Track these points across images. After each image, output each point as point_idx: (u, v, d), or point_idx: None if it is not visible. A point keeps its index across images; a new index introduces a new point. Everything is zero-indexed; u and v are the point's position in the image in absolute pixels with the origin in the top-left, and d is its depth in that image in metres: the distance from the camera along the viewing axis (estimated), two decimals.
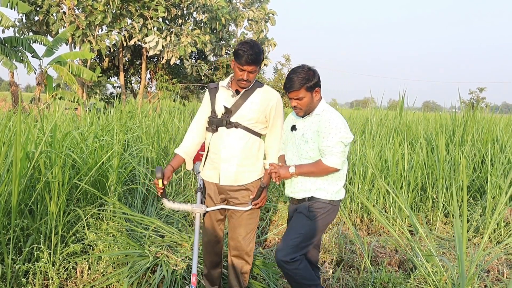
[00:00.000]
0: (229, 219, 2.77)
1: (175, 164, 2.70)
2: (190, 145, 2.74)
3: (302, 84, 2.45)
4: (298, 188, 2.58)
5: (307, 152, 2.52)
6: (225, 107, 2.60)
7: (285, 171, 2.53)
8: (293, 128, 2.63)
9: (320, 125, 2.46)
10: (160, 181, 2.49)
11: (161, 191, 2.54)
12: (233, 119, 2.60)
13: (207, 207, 2.67)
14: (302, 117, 2.59)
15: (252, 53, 2.46)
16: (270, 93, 2.67)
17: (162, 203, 2.59)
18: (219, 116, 2.63)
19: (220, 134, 2.63)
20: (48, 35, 14.78)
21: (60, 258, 3.16)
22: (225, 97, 2.65)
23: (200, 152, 2.84)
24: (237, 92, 2.63)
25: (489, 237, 4.38)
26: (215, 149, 2.66)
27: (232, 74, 2.67)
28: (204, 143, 2.82)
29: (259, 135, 2.67)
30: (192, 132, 2.76)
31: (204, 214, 2.72)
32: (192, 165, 2.79)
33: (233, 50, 2.60)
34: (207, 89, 2.76)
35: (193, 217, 2.67)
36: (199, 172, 2.84)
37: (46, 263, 2.98)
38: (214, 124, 2.64)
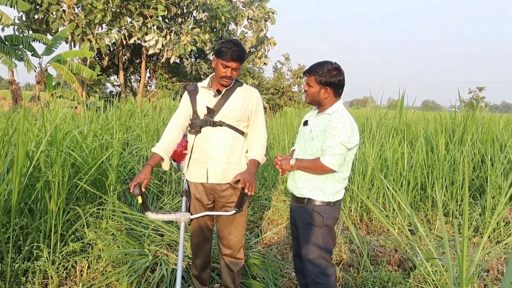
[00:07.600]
0: (218, 220, 2.77)
1: (154, 163, 2.60)
2: (169, 145, 2.66)
3: (315, 72, 2.49)
4: (299, 184, 2.60)
5: (311, 149, 2.54)
6: (208, 108, 2.60)
7: (286, 162, 2.62)
8: (305, 123, 2.67)
9: (328, 125, 2.47)
10: (139, 198, 2.41)
11: (143, 204, 2.45)
12: (216, 118, 2.60)
13: (191, 214, 2.62)
14: (308, 103, 2.63)
15: (236, 50, 2.48)
16: (250, 91, 2.70)
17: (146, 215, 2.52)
18: (202, 117, 2.62)
19: (205, 134, 2.62)
20: (48, 33, 14.75)
21: (60, 257, 3.16)
22: (206, 97, 2.64)
23: (184, 152, 2.80)
24: (219, 91, 2.63)
25: (489, 237, 4.38)
26: (200, 149, 2.64)
27: (212, 75, 2.67)
28: (185, 141, 2.80)
29: (242, 132, 2.70)
30: (171, 132, 2.67)
31: (189, 222, 2.68)
32: (169, 165, 2.70)
33: (216, 49, 2.60)
34: (185, 91, 2.73)
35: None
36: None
37: (45, 262, 2.97)
38: (197, 125, 2.62)
